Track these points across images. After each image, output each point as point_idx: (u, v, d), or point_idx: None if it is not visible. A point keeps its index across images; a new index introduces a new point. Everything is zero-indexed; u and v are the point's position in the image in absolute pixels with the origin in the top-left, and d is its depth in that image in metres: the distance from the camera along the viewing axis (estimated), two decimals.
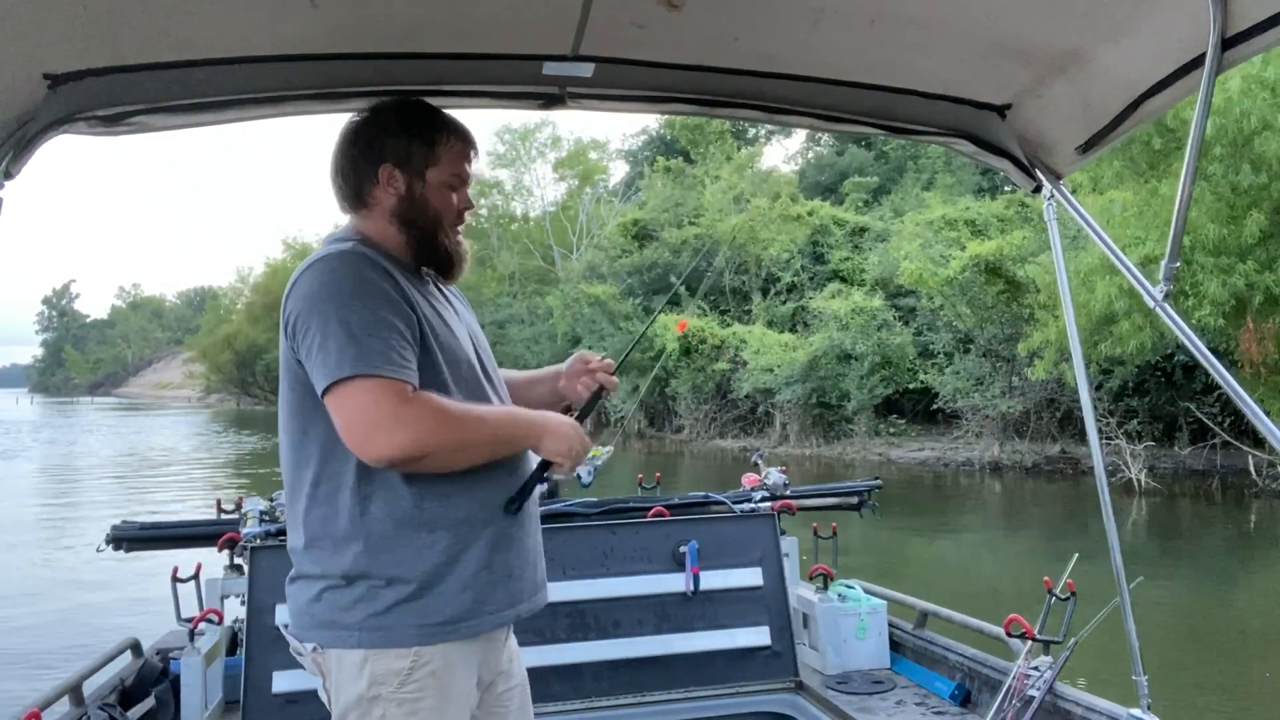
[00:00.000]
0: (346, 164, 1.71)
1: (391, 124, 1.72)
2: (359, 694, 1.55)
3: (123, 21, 1.67)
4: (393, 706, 1.54)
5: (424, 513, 1.58)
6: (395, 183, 1.69)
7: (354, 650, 1.55)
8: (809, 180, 35.44)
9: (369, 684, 1.54)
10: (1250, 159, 12.03)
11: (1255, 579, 9.93)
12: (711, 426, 26.35)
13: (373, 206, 1.71)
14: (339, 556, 1.57)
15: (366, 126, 1.73)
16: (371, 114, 1.75)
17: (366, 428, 1.47)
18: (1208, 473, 16.45)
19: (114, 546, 3.18)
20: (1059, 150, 2.35)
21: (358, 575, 1.56)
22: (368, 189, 1.70)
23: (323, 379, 1.50)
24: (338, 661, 1.57)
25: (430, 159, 1.72)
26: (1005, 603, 4.74)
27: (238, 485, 18.93)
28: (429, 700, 1.56)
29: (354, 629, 1.55)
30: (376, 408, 1.47)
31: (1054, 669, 2.53)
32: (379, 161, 1.69)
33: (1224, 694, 6.16)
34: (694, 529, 3.18)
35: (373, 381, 1.47)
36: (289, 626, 1.66)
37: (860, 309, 22.04)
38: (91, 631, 7.71)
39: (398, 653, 1.55)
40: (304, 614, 1.61)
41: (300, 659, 1.65)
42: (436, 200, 1.72)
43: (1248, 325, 12.71)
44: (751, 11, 1.90)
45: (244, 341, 61.53)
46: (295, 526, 1.64)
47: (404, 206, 1.70)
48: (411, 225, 1.71)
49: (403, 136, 1.71)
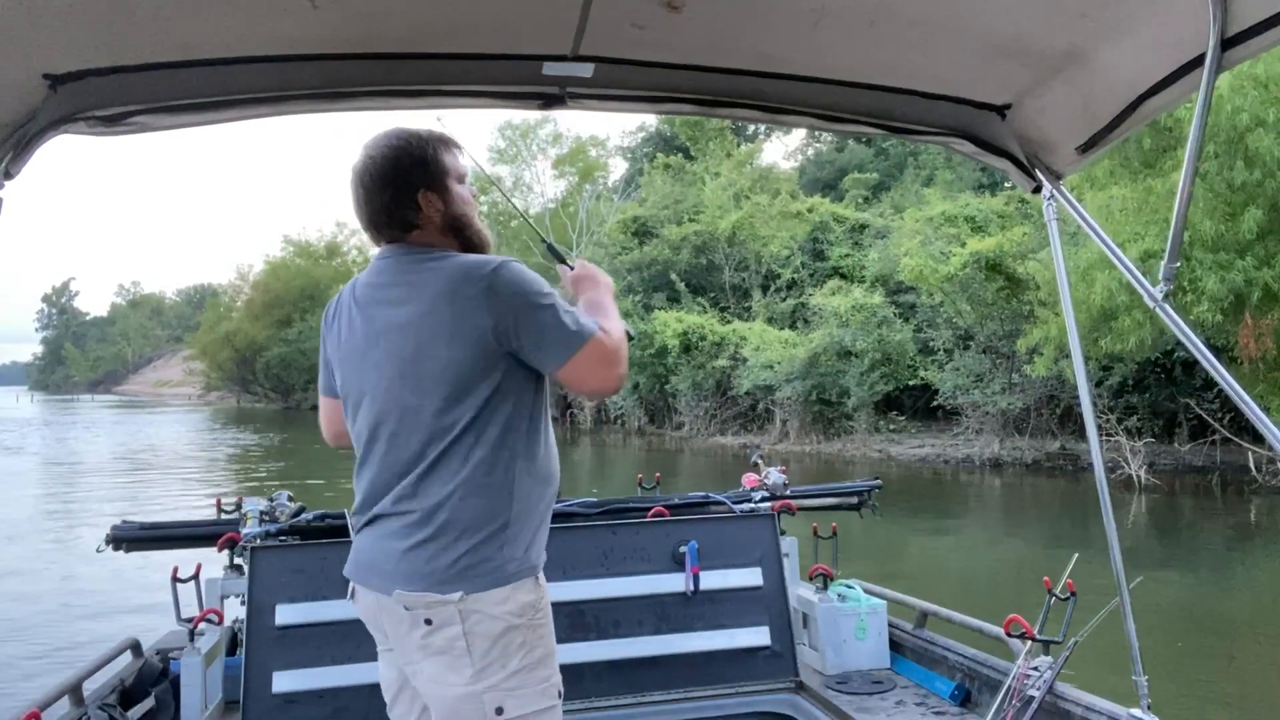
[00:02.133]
0: (389, 202, 1.90)
1: (408, 155, 1.90)
2: (504, 627, 1.76)
3: (123, 21, 1.67)
4: (530, 634, 1.79)
5: (537, 465, 1.87)
6: (433, 203, 1.90)
7: (502, 588, 1.77)
8: (809, 177, 35.47)
9: (513, 617, 1.77)
10: (1244, 156, 12.02)
11: (1256, 575, 9.93)
12: (711, 423, 26.36)
13: (424, 226, 1.91)
14: (492, 508, 1.79)
15: (389, 166, 1.89)
16: (387, 157, 1.90)
17: (608, 370, 1.83)
18: (1207, 469, 16.45)
19: (113, 547, 3.17)
20: (1059, 150, 2.35)
21: (505, 523, 1.80)
22: (413, 217, 1.90)
23: (565, 347, 1.79)
24: (485, 602, 1.76)
25: (443, 169, 1.91)
26: (1005, 602, 4.74)
27: (239, 484, 18.92)
28: (546, 627, 1.84)
29: (508, 564, 1.79)
30: (610, 356, 1.83)
31: (1054, 669, 2.53)
32: (414, 191, 1.88)
33: (1224, 693, 6.16)
34: (694, 529, 3.18)
35: (596, 338, 1.81)
36: (408, 587, 1.77)
37: (860, 306, 22.04)
38: (91, 631, 7.72)
39: (531, 585, 1.81)
40: (445, 568, 1.77)
41: (430, 611, 1.76)
42: (460, 198, 1.94)
43: (1245, 321, 12.70)
44: (751, 11, 1.90)
45: (244, 339, 61.50)
46: (430, 490, 1.80)
47: (448, 218, 1.92)
48: (457, 230, 1.94)
49: (421, 162, 1.90)
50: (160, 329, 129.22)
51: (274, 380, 61.00)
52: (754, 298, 27.86)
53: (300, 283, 58.32)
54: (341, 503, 3.29)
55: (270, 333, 58.11)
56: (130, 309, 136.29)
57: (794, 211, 28.32)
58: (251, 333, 60.60)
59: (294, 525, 3.12)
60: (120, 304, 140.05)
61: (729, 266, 28.78)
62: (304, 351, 53.16)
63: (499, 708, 1.75)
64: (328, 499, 13.88)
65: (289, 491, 3.31)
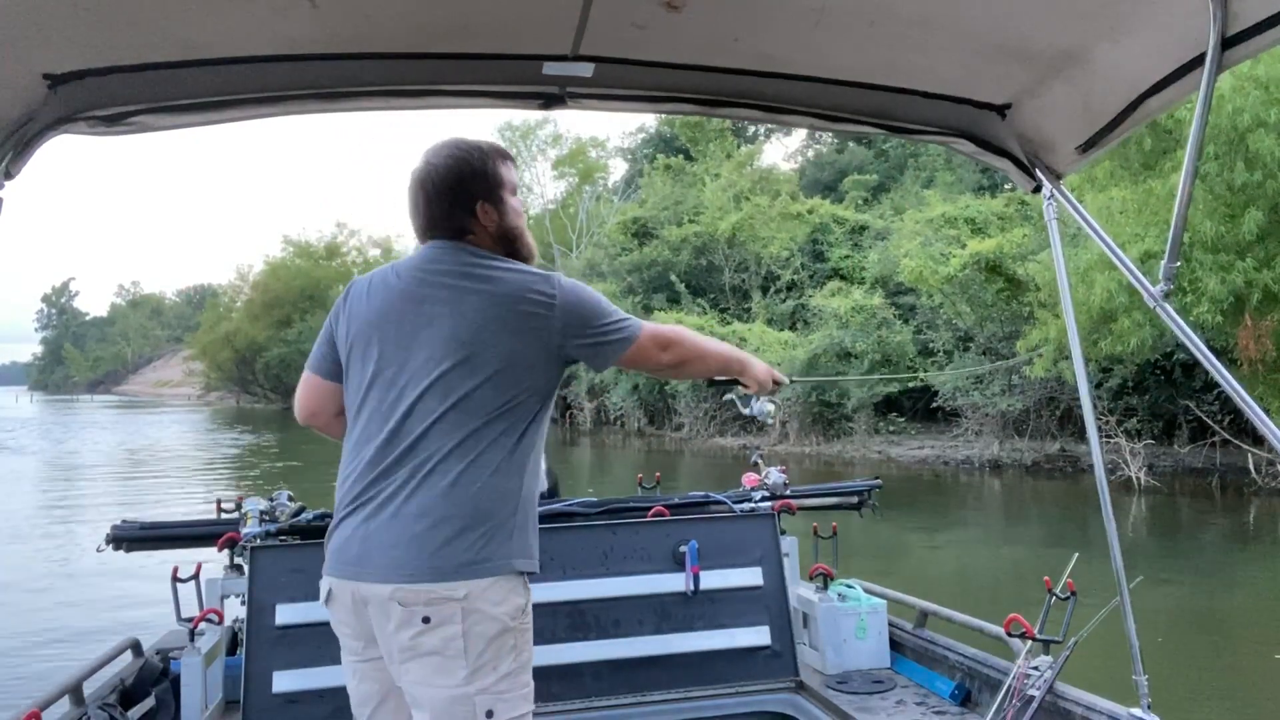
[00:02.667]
0: (447, 208, 1.98)
1: (469, 166, 1.98)
2: (500, 629, 1.79)
3: (123, 21, 1.67)
4: (520, 637, 1.84)
5: (538, 466, 1.96)
6: (489, 214, 1.98)
7: (504, 580, 1.80)
8: (809, 178, 35.47)
9: (508, 619, 1.80)
10: (1245, 157, 12.02)
11: (1255, 577, 9.93)
12: (711, 424, 26.34)
13: (478, 234, 1.99)
14: (506, 498, 1.85)
15: (452, 178, 1.97)
16: (449, 166, 1.98)
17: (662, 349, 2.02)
18: (1207, 471, 16.44)
19: (114, 547, 3.17)
20: (1059, 150, 2.35)
21: (513, 513, 1.85)
22: (468, 225, 1.98)
23: (628, 338, 1.97)
24: (483, 599, 1.77)
25: (500, 181, 2.00)
26: (1005, 601, 4.74)
27: (239, 484, 18.91)
28: (530, 633, 1.88)
29: (509, 561, 1.82)
30: (662, 337, 2.04)
31: (1054, 669, 2.53)
32: (473, 201, 1.97)
33: (1224, 692, 6.16)
34: (694, 529, 3.17)
35: (647, 328, 2.01)
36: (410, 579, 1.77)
37: (860, 307, 22.03)
38: (91, 631, 7.72)
39: (523, 587, 1.86)
40: (450, 559, 1.78)
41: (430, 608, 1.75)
42: (513, 210, 2.03)
43: (1245, 323, 12.69)
44: (751, 11, 1.90)
45: (244, 339, 61.47)
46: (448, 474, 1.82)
47: (501, 229, 2.01)
48: (508, 241, 2.02)
49: (481, 174, 1.98)
50: (160, 329, 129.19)
51: (274, 381, 60.95)
52: (754, 299, 27.85)
53: (300, 283, 58.31)
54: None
55: (270, 333, 58.06)
56: (130, 309, 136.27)
57: (794, 213, 28.31)
58: (251, 333, 60.56)
59: (294, 525, 3.11)
60: (120, 304, 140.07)
61: (729, 268, 28.78)
62: (304, 352, 52.56)
63: (489, 710, 1.76)
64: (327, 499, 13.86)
65: (289, 491, 3.31)
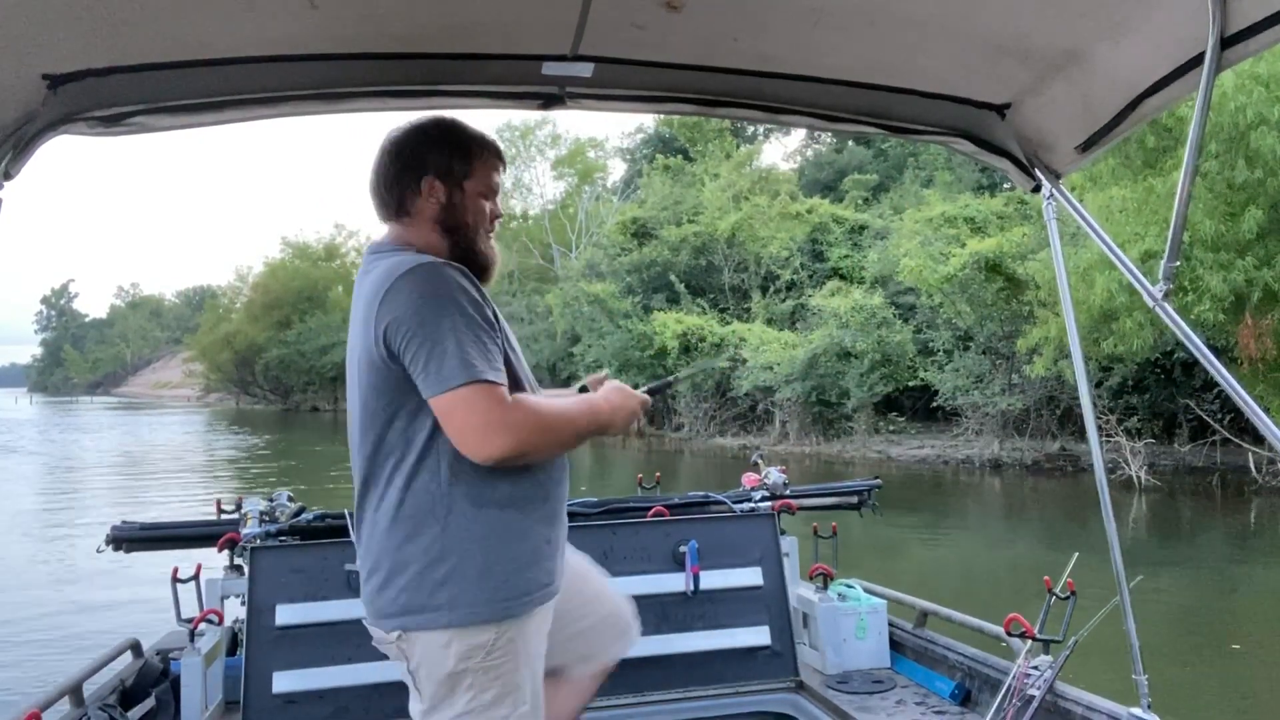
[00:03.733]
0: (390, 176, 1.83)
1: (432, 138, 1.84)
2: (447, 671, 1.66)
3: (123, 21, 1.67)
4: (480, 676, 1.67)
5: (492, 490, 1.69)
6: (436, 193, 1.81)
7: (439, 632, 1.65)
8: (808, 178, 35.45)
9: (456, 660, 1.65)
10: (1246, 155, 12.02)
11: (1256, 576, 9.93)
12: (711, 424, 26.34)
13: (415, 215, 1.82)
14: (426, 541, 1.66)
15: (409, 141, 1.84)
16: (412, 129, 1.85)
17: (481, 430, 1.59)
18: (1207, 470, 16.45)
19: (114, 547, 3.17)
20: (1059, 150, 2.35)
21: (436, 559, 1.66)
22: (410, 199, 1.81)
23: (435, 385, 1.60)
24: (424, 644, 1.67)
25: (467, 171, 1.85)
26: (1005, 601, 4.74)
27: (239, 484, 18.90)
28: (509, 665, 1.70)
29: (442, 609, 1.65)
30: (487, 413, 1.59)
31: (1054, 668, 2.52)
32: (421, 173, 1.81)
33: (1225, 692, 6.16)
34: (694, 529, 3.17)
35: (483, 388, 1.59)
36: (369, 619, 1.75)
37: (860, 306, 22.03)
38: (91, 632, 7.71)
39: (481, 628, 1.66)
40: (388, 603, 1.69)
41: (381, 646, 1.74)
42: (473, 208, 1.85)
43: (1246, 321, 12.69)
44: (751, 11, 1.90)
45: (243, 340, 61.47)
46: (374, 517, 1.72)
47: (445, 215, 1.82)
48: (452, 232, 1.83)
49: (443, 150, 1.83)
50: (159, 331, 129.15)
51: (273, 382, 60.98)
52: (753, 299, 27.84)
53: (299, 284, 58.33)
54: (340, 503, 3.29)
55: (269, 334, 58.06)
56: (129, 310, 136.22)
57: (793, 213, 28.29)
58: (251, 334, 60.56)
59: (294, 525, 3.11)
60: (119, 305, 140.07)
61: (728, 268, 28.76)
62: (303, 353, 53.15)
63: None
64: (327, 499, 13.88)
65: (289, 491, 3.31)
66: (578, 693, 2.16)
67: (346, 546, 2.87)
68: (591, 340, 27.96)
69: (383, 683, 2.72)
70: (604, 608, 2.17)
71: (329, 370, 51.24)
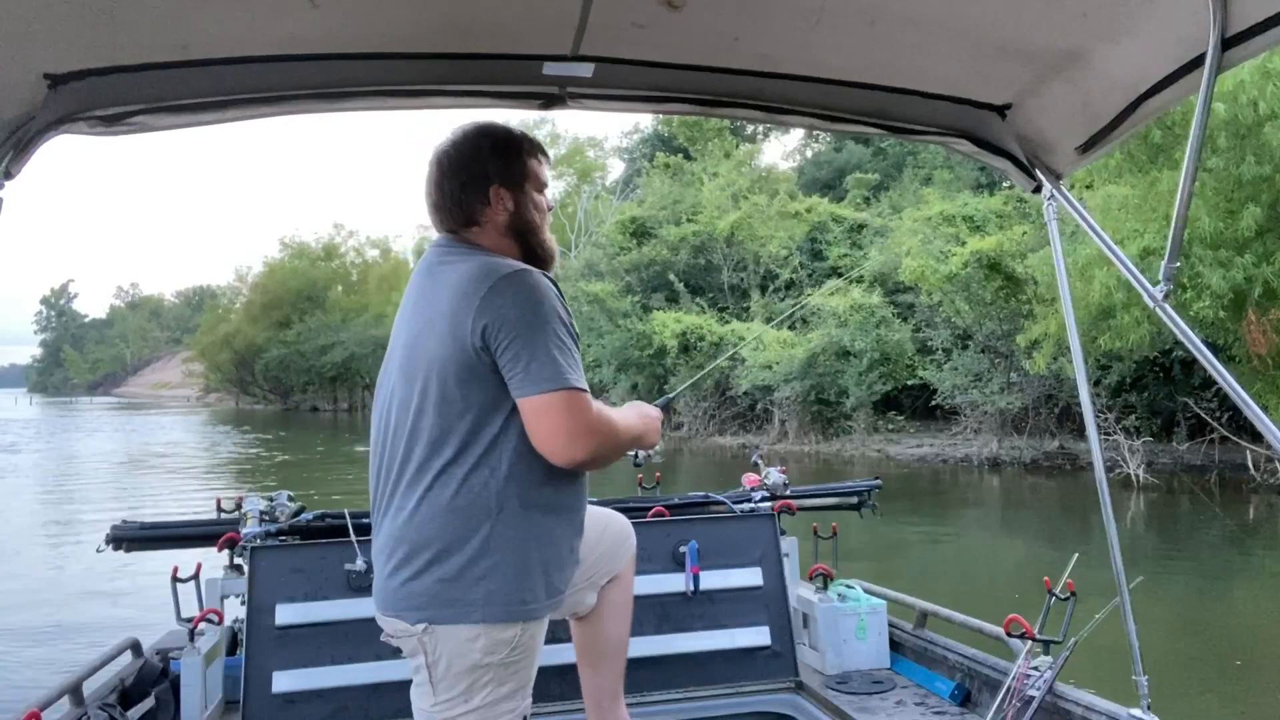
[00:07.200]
0: (454, 191, 1.85)
1: (489, 148, 1.87)
2: (470, 665, 1.69)
3: (123, 21, 1.67)
4: (500, 671, 1.71)
5: (538, 493, 1.74)
6: (504, 200, 1.86)
7: (474, 625, 1.68)
8: (808, 177, 35.43)
9: (482, 655, 1.69)
10: (1254, 150, 11.97)
11: (1255, 575, 9.94)
12: (710, 424, 26.35)
13: (484, 224, 1.86)
14: (474, 535, 1.69)
15: (466, 154, 1.86)
16: (465, 142, 1.88)
17: (569, 434, 1.67)
18: (1206, 468, 16.44)
19: (114, 546, 3.17)
20: (1059, 150, 2.35)
21: (482, 552, 1.69)
22: (480, 210, 1.85)
23: (532, 386, 1.67)
24: (451, 637, 1.69)
25: (524, 172, 1.89)
26: (1005, 601, 4.74)
27: (238, 484, 18.89)
28: (525, 662, 1.76)
29: (477, 604, 1.68)
30: (577, 418, 1.68)
31: (1054, 669, 2.53)
32: (487, 184, 1.84)
33: (1224, 692, 6.16)
34: (694, 529, 3.17)
35: (576, 394, 1.68)
36: (388, 609, 1.75)
37: (859, 305, 22.03)
38: (91, 631, 7.71)
39: (509, 625, 1.70)
40: (416, 594, 1.71)
41: (396, 639, 1.76)
42: (534, 209, 1.90)
43: (1249, 317, 12.65)
44: (751, 11, 1.90)
45: (243, 340, 61.51)
46: (412, 505, 1.73)
47: (514, 220, 1.87)
48: (521, 235, 1.88)
49: (502, 158, 1.87)
50: (159, 331, 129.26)
51: (273, 382, 61.00)
52: (752, 298, 27.85)
53: (298, 284, 58.36)
54: (340, 503, 3.29)
55: (269, 334, 58.09)
56: (129, 311, 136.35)
57: (792, 212, 28.31)
58: (250, 334, 60.60)
59: (294, 525, 3.12)
60: (119, 306, 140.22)
61: (727, 267, 28.77)
62: (302, 353, 53.19)
63: None
64: (326, 499, 13.88)
65: (289, 491, 3.31)
66: (624, 601, 2.37)
67: (346, 546, 2.87)
68: (591, 340, 27.96)
69: (383, 682, 2.73)
70: (605, 524, 2.27)
71: (328, 370, 51.27)
